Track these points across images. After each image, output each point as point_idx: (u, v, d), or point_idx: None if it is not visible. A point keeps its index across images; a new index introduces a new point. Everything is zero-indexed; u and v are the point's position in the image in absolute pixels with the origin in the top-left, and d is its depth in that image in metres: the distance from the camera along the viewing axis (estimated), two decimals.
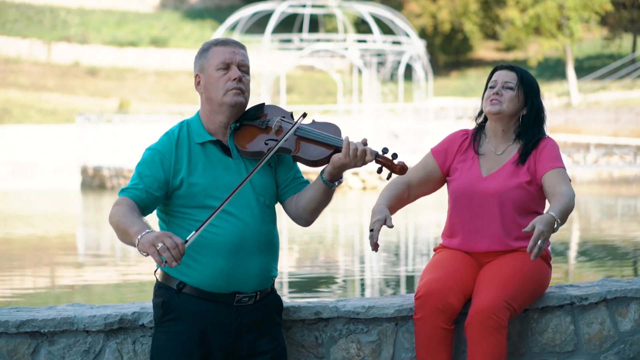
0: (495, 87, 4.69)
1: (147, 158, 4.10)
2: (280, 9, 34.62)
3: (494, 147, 4.73)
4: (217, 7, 75.12)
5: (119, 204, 3.99)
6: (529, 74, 4.73)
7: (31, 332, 4.28)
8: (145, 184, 4.04)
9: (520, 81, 4.68)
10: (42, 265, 13.15)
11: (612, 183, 30.76)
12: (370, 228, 4.53)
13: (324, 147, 4.14)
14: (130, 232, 3.86)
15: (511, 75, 4.69)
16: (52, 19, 69.31)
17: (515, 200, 4.58)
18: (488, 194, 4.59)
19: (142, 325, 4.37)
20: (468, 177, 4.66)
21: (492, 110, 4.67)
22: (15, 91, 57.27)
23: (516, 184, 4.59)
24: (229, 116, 4.14)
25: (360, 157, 4.07)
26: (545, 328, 4.68)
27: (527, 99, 4.69)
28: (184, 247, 3.74)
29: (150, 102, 57.61)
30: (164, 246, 3.71)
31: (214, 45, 4.18)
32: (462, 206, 4.65)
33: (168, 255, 3.70)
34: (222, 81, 4.12)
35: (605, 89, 49.98)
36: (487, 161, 4.70)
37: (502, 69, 4.74)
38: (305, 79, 61.11)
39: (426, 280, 4.49)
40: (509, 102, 4.65)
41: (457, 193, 4.66)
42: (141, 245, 3.78)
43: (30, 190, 31.34)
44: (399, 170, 4.13)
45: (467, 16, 63.77)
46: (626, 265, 12.25)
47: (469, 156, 4.73)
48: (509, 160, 4.66)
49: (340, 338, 4.56)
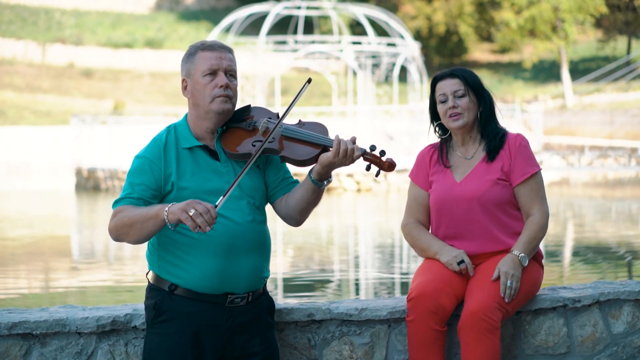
0: (447, 101, 4.66)
1: (137, 167, 4.10)
2: (275, 11, 34.61)
3: (463, 154, 4.72)
4: (212, 9, 75.08)
5: (119, 211, 4.00)
6: (468, 71, 4.70)
7: (23, 334, 4.27)
8: (138, 192, 4.04)
9: (466, 84, 4.65)
10: (36, 267, 13.12)
11: (607, 185, 30.78)
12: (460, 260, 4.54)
13: (311, 146, 4.14)
14: (151, 214, 3.90)
15: (456, 82, 4.65)
16: (47, 20, 69.21)
17: (495, 198, 4.58)
18: (466, 197, 4.60)
19: (134, 327, 4.37)
20: (444, 185, 4.66)
21: (456, 126, 4.65)
22: (10, 92, 57.17)
23: (491, 182, 4.59)
24: (216, 122, 4.15)
25: (349, 156, 4.07)
26: (538, 330, 4.68)
27: (478, 97, 4.68)
28: (215, 211, 3.79)
29: (146, 103, 57.55)
30: (197, 212, 3.76)
31: (201, 50, 4.16)
32: (445, 215, 4.65)
33: (201, 221, 3.76)
34: (209, 88, 4.11)
35: (600, 91, 50.03)
36: (459, 167, 4.70)
37: (443, 78, 4.69)
38: (300, 80, 61.07)
39: (418, 282, 4.49)
40: (467, 111, 4.64)
41: (438, 203, 4.65)
42: (171, 215, 3.82)
43: (25, 191, 31.29)
44: (387, 167, 4.12)
45: (462, 18, 63.75)
46: (620, 267, 12.25)
47: (440, 168, 4.73)
48: (480, 161, 4.66)
49: (333, 340, 4.55)
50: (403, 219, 4.78)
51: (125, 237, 4.00)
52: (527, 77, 60.64)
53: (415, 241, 4.70)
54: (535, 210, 4.60)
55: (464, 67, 4.76)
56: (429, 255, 4.65)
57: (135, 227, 3.95)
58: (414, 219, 4.74)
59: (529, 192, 4.60)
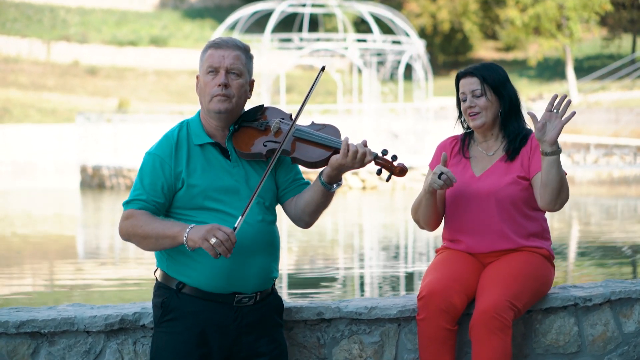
0: (466, 100, 4.64)
1: (147, 164, 4.08)
2: (280, 9, 34.58)
3: (485, 150, 4.70)
4: (216, 7, 75.08)
5: (131, 216, 3.98)
6: (490, 68, 4.65)
7: (31, 333, 4.25)
8: (148, 193, 4.02)
9: (484, 82, 4.61)
10: (41, 265, 13.12)
11: (612, 183, 30.73)
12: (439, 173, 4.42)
13: (322, 148, 4.11)
14: (170, 233, 3.90)
15: (474, 82, 4.63)
16: (51, 18, 69.27)
17: (512, 197, 4.55)
18: (483, 193, 4.57)
19: (142, 326, 4.34)
20: (461, 178, 4.63)
21: (476, 125, 4.64)
22: (14, 90, 57.23)
23: (510, 180, 4.56)
24: (220, 121, 4.12)
25: (359, 159, 4.04)
26: (549, 329, 4.65)
27: (498, 95, 4.64)
28: (234, 235, 3.80)
29: (150, 101, 57.58)
30: (218, 241, 3.77)
31: (209, 48, 4.15)
32: (460, 208, 4.62)
33: (223, 250, 3.78)
34: (209, 86, 4.10)
35: (605, 89, 49.96)
36: (479, 162, 4.68)
37: (464, 76, 4.68)
38: (304, 78, 61.06)
39: (429, 281, 4.46)
40: (485, 110, 4.61)
41: (454, 196, 4.63)
42: (191, 242, 3.83)
43: (30, 189, 31.30)
44: (399, 172, 4.10)
45: (466, 16, 63.72)
46: (625, 265, 12.22)
47: (460, 159, 4.71)
48: (500, 158, 4.64)
49: (342, 339, 4.53)
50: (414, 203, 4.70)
51: (136, 244, 4.02)
52: (531, 75, 60.59)
53: (415, 203, 4.65)
54: None
55: (490, 64, 4.69)
56: (422, 194, 4.57)
57: (149, 241, 3.96)
58: None
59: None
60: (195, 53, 62.72)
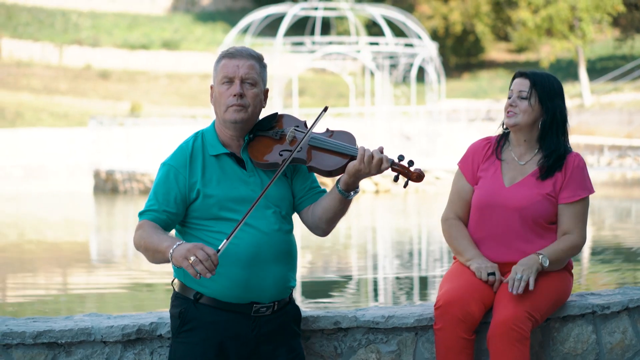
0: (511, 98, 4.63)
1: (162, 175, 4.09)
2: (292, 12, 34.57)
3: (518, 156, 4.66)
4: (228, 10, 75.13)
5: (140, 227, 4.01)
6: (546, 78, 4.61)
7: (48, 343, 4.25)
8: (161, 204, 4.03)
9: (533, 87, 4.58)
10: (54, 270, 13.13)
11: (625, 185, 30.64)
12: (492, 272, 4.48)
13: (339, 156, 4.09)
14: (161, 248, 3.89)
15: (524, 84, 4.60)
16: (63, 22, 69.40)
17: (537, 214, 4.52)
18: (510, 206, 4.54)
19: (159, 336, 4.34)
20: (491, 186, 4.60)
21: (509, 123, 4.63)
22: (27, 94, 57.34)
23: (539, 197, 4.53)
24: (236, 131, 4.12)
25: (375, 165, 4.02)
26: (566, 337, 4.63)
27: (543, 105, 4.60)
28: (216, 257, 3.77)
29: (162, 105, 57.63)
30: (197, 259, 3.73)
31: (223, 58, 4.15)
32: (484, 217, 4.59)
33: (202, 268, 3.73)
34: (224, 96, 4.10)
35: (618, 91, 49.80)
36: (510, 170, 4.65)
37: (519, 76, 4.65)
38: (317, 81, 61.03)
39: (446, 290, 4.44)
40: (523, 113, 4.59)
41: (480, 204, 4.60)
42: (174, 260, 3.82)
43: (43, 193, 31.35)
44: (416, 178, 4.08)
45: (478, 18, 63.59)
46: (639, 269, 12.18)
47: (492, 163, 4.67)
48: (532, 172, 4.60)
49: (359, 348, 4.52)
50: (444, 212, 4.72)
51: (144, 255, 4.02)
52: None
53: (453, 240, 4.65)
54: (575, 232, 4.55)
55: (549, 75, 4.64)
56: (461, 260, 4.60)
57: (148, 254, 3.98)
58: (455, 214, 4.69)
59: (574, 214, 4.55)
60: (207, 56, 62.81)
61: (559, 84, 4.65)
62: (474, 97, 55.37)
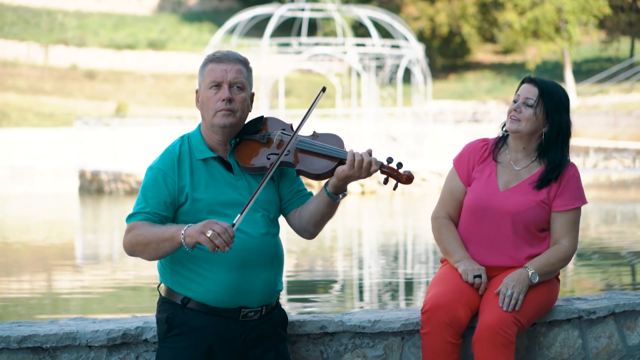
0: (516, 103, 4.60)
1: (150, 178, 4.06)
2: (279, 13, 34.55)
3: (514, 161, 4.65)
4: (214, 10, 75.06)
5: (133, 227, 3.96)
6: (554, 89, 4.57)
7: (33, 348, 4.23)
8: (152, 206, 4.00)
9: (540, 97, 4.55)
10: (39, 271, 13.08)
11: (611, 187, 30.72)
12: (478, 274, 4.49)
13: (327, 159, 4.08)
14: (167, 235, 3.86)
15: (533, 91, 4.57)
16: (49, 22, 69.21)
17: (529, 220, 4.52)
18: (502, 211, 4.53)
19: (145, 340, 4.32)
20: (485, 189, 4.59)
21: (511, 128, 4.60)
22: (12, 94, 57.17)
23: (533, 203, 4.53)
24: (224, 135, 4.10)
25: (365, 169, 4.02)
26: (553, 342, 4.63)
27: (548, 116, 4.56)
28: (232, 230, 3.75)
29: (148, 105, 57.55)
30: (215, 233, 3.72)
31: (210, 62, 4.12)
32: (475, 220, 4.59)
33: (220, 241, 3.72)
34: (213, 101, 4.08)
35: (603, 93, 49.94)
36: (505, 173, 4.63)
37: (528, 82, 4.61)
38: (303, 82, 61.05)
39: (432, 294, 4.44)
40: (526, 121, 4.55)
41: (472, 206, 4.59)
42: (189, 238, 3.78)
43: (28, 194, 31.27)
44: (405, 180, 4.07)
45: (465, 19, 63.69)
46: (624, 271, 12.21)
47: (487, 165, 4.65)
48: (528, 179, 4.59)
49: (345, 352, 4.51)
50: (435, 210, 4.71)
51: (140, 255, 3.97)
52: None
53: (442, 240, 4.64)
54: (565, 241, 4.55)
55: (559, 87, 4.60)
56: (449, 260, 4.59)
57: (150, 247, 3.91)
58: (446, 213, 4.68)
59: (566, 223, 4.55)
60: (193, 57, 62.72)
61: (566, 96, 4.61)
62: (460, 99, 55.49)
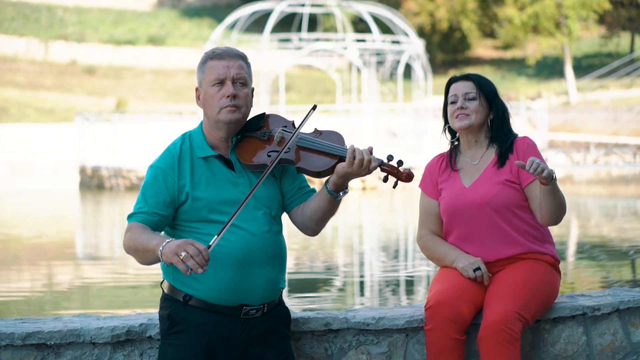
0: (457, 102, 4.66)
1: (150, 177, 4.06)
2: (279, 8, 34.54)
3: (470, 158, 4.71)
4: (214, 5, 75.04)
5: (129, 229, 3.97)
6: (484, 78, 4.73)
7: (37, 344, 4.22)
8: (150, 205, 4.00)
9: (479, 88, 4.67)
10: (39, 267, 13.08)
11: (611, 182, 30.72)
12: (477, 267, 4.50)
13: (328, 157, 4.07)
14: (150, 247, 3.84)
15: (469, 85, 4.68)
16: (49, 17, 69.22)
17: (506, 201, 4.55)
18: (477, 203, 4.57)
19: (149, 337, 4.32)
20: (453, 192, 4.64)
21: (462, 126, 4.65)
22: (12, 90, 57.18)
23: (501, 184, 4.56)
24: (228, 132, 4.09)
25: (365, 166, 4.01)
26: (557, 339, 4.63)
27: (490, 104, 4.69)
28: (207, 252, 3.71)
29: (148, 100, 57.55)
30: (187, 254, 3.68)
31: (210, 59, 4.10)
32: (455, 221, 4.62)
33: (193, 263, 3.67)
34: (216, 98, 4.06)
35: (603, 88, 49.95)
36: (467, 172, 4.69)
37: (458, 80, 4.72)
38: (303, 77, 61.06)
39: (436, 291, 4.44)
40: (475, 113, 4.65)
41: (448, 209, 4.63)
42: (164, 256, 3.76)
43: (28, 190, 31.26)
44: (405, 178, 4.07)
45: (465, 14, 63.67)
46: (625, 266, 12.20)
47: (449, 174, 4.70)
48: (488, 166, 4.64)
49: (350, 349, 4.50)
50: (417, 233, 4.77)
51: (134, 258, 3.99)
52: (530, 74, 60.58)
53: (432, 252, 4.67)
54: None
55: (482, 75, 4.76)
56: (446, 264, 4.60)
57: (138, 254, 3.93)
58: (428, 230, 4.71)
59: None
60: (193, 52, 62.72)
61: (493, 84, 4.77)
62: None
